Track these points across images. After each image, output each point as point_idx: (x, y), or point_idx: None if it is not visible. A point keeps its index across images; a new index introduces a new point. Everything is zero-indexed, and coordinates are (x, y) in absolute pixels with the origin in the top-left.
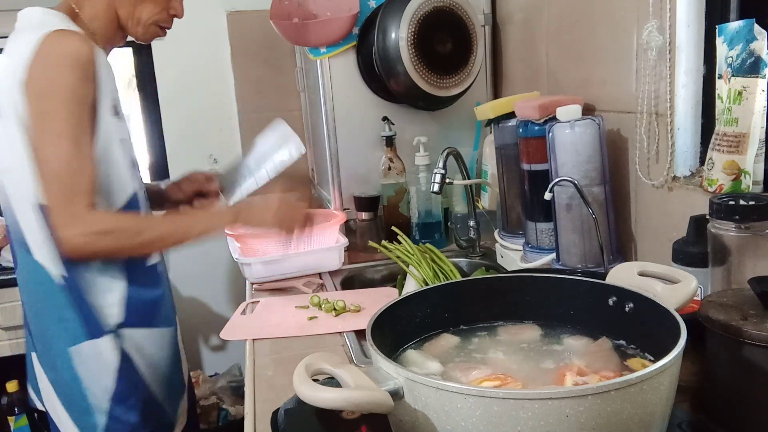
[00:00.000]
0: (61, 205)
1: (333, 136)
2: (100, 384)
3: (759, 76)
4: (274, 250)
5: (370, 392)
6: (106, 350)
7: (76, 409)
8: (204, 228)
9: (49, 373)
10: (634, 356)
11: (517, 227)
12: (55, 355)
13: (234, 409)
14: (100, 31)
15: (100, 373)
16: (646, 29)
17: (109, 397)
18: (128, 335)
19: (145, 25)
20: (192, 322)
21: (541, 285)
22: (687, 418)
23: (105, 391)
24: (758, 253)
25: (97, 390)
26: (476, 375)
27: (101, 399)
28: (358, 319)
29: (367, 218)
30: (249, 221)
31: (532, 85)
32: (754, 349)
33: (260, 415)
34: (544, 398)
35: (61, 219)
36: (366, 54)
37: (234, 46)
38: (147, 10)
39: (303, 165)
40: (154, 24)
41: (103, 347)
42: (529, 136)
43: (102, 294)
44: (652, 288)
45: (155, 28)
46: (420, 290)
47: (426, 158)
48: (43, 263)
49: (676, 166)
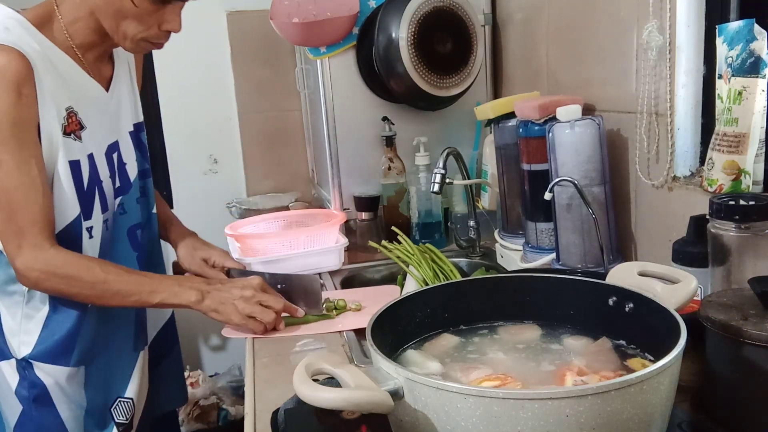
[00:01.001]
0: (11, 237)
1: (333, 136)
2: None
3: (759, 76)
4: (274, 250)
5: (370, 392)
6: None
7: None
8: (166, 298)
9: None
10: (634, 356)
11: (517, 227)
12: None
13: (234, 409)
14: (80, 37)
15: (9, 397)
16: (646, 29)
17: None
18: (38, 367)
19: (133, 40)
20: (192, 322)
21: (541, 285)
22: (687, 418)
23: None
24: (758, 253)
25: (9, 418)
26: (476, 375)
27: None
28: (358, 319)
29: (367, 218)
30: (214, 309)
31: (532, 85)
32: (754, 349)
33: (260, 415)
34: (544, 398)
35: (13, 251)
36: (366, 54)
37: (234, 46)
38: (132, 27)
39: (304, 165)
40: (143, 40)
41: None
42: (529, 136)
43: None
44: (652, 288)
45: (145, 44)
46: (420, 290)
47: (426, 158)
48: None
49: (676, 166)
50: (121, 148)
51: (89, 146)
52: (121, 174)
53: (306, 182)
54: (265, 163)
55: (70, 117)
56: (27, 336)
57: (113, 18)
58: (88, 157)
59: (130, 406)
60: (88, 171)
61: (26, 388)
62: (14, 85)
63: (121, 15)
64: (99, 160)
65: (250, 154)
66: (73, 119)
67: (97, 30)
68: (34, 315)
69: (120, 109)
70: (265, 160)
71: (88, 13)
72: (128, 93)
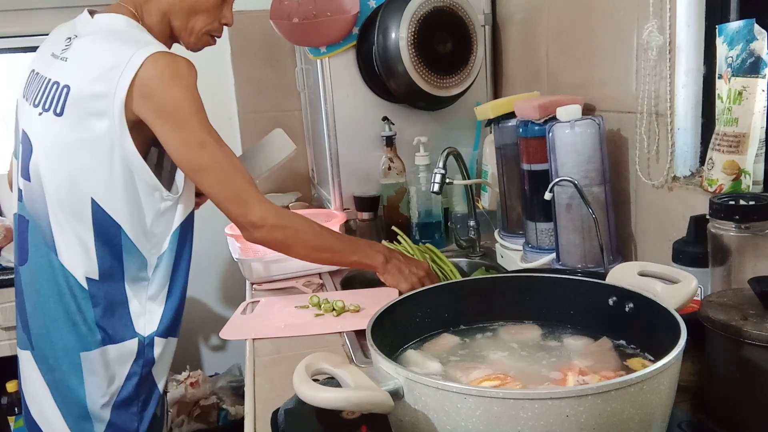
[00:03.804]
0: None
1: (333, 136)
2: (106, 391)
3: (759, 76)
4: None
5: (370, 392)
6: (116, 360)
7: (72, 413)
8: (361, 257)
9: (47, 375)
10: (634, 356)
11: (517, 227)
12: (59, 358)
13: (234, 409)
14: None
15: (107, 381)
16: (646, 29)
17: (110, 406)
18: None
19: (198, 35)
20: (192, 322)
21: (541, 285)
22: (687, 418)
23: (108, 399)
24: (758, 253)
25: (98, 397)
26: (476, 375)
27: (103, 407)
28: (358, 319)
29: (367, 218)
30: (392, 274)
31: (532, 85)
32: (754, 349)
33: (260, 415)
34: (544, 398)
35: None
36: (366, 54)
37: (234, 46)
38: (201, 21)
39: (304, 165)
40: (206, 34)
41: (114, 356)
42: (529, 136)
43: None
44: (652, 288)
45: (207, 38)
46: (420, 290)
47: (426, 158)
48: (69, 266)
49: (676, 166)
50: None
51: None
52: None
53: (306, 182)
54: None
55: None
56: (152, 315)
57: (186, 14)
58: None
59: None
60: None
61: (141, 365)
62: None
63: (194, 10)
64: None
65: None
66: None
67: (165, 32)
68: (157, 295)
69: None
70: None
71: (160, 18)
72: None
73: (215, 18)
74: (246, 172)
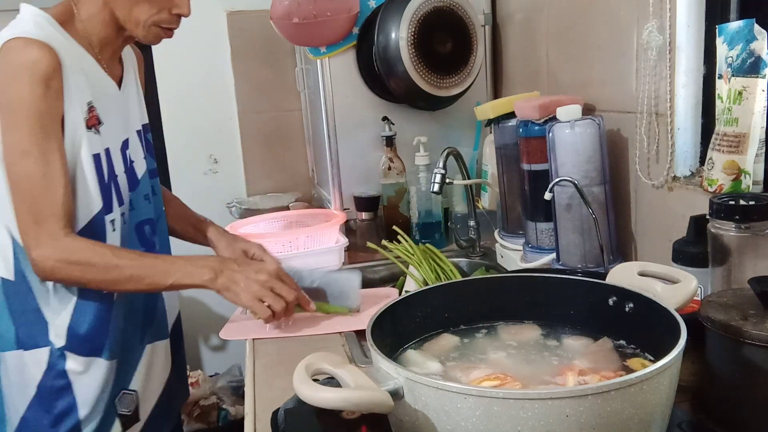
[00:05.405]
0: (30, 227)
1: (333, 136)
2: (22, 396)
3: (759, 76)
4: (274, 250)
5: (370, 392)
6: (34, 364)
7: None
8: (179, 278)
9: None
10: (634, 356)
11: (517, 227)
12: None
13: (234, 409)
14: (96, 32)
15: (23, 386)
16: (646, 29)
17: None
18: (70, 358)
19: (145, 26)
20: (192, 322)
21: (541, 285)
22: (687, 418)
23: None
24: (758, 253)
25: (16, 401)
26: (476, 375)
27: (15, 411)
28: (358, 319)
29: (367, 218)
30: (226, 288)
31: (532, 85)
32: (754, 349)
33: (260, 415)
34: (544, 398)
35: (31, 241)
36: (366, 54)
37: (234, 46)
38: (144, 11)
39: (304, 165)
40: (154, 25)
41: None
42: (529, 136)
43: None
44: (652, 288)
45: (157, 29)
46: (420, 290)
47: (426, 158)
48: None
49: (676, 166)
50: (131, 146)
51: (106, 141)
52: (130, 171)
53: (306, 182)
54: (265, 163)
55: (90, 111)
56: (60, 326)
57: (128, 3)
58: (105, 152)
59: (133, 398)
60: (106, 165)
61: (51, 378)
62: (43, 78)
63: (134, 0)
64: (115, 155)
65: (250, 154)
66: (93, 114)
67: (111, 23)
68: (62, 307)
69: (129, 108)
70: (265, 160)
71: (102, 6)
72: (135, 94)
73: (162, 8)
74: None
